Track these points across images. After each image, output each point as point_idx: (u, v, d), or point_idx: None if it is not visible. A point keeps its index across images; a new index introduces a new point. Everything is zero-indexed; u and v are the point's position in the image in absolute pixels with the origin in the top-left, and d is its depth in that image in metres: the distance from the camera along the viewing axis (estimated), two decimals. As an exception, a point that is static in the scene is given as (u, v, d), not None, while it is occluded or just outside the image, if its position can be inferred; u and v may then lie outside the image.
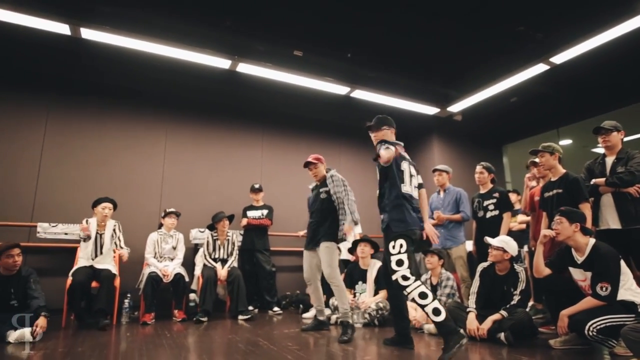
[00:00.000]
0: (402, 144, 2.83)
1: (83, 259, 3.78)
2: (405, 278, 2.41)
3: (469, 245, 4.27)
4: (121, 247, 3.97)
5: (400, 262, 2.46)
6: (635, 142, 6.08)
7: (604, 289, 2.48)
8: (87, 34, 3.99)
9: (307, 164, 3.65)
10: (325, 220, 3.44)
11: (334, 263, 3.32)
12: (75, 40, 4.12)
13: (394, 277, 2.45)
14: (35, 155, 4.56)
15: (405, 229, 2.57)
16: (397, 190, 2.65)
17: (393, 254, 2.49)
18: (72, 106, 4.85)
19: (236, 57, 4.53)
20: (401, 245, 2.50)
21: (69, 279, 3.58)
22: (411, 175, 2.77)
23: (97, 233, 3.86)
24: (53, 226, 4.35)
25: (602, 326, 2.40)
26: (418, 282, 2.41)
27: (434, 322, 2.34)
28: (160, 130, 5.30)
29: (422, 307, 2.36)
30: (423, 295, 2.37)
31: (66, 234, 4.36)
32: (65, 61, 4.73)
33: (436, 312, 2.32)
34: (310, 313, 4.22)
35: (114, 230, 3.99)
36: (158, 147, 5.25)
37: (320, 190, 3.55)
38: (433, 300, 2.35)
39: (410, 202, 2.68)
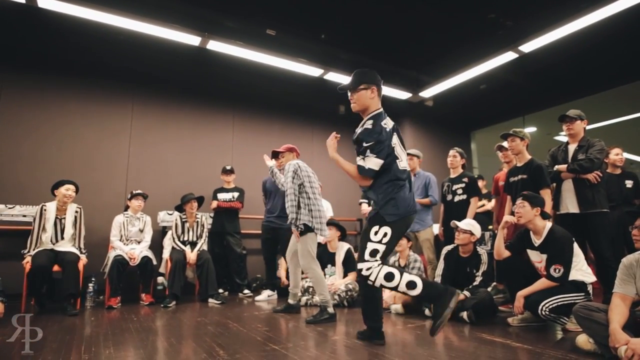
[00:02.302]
0: (382, 111, 2.38)
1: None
2: (368, 268, 2.17)
3: (436, 229, 4.40)
4: (81, 249, 3.77)
5: (374, 253, 2.18)
6: (596, 130, 6.40)
7: (557, 270, 2.63)
8: (45, 2, 3.72)
9: (276, 154, 3.61)
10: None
11: (308, 253, 3.26)
12: (31, 9, 3.83)
13: (359, 266, 2.20)
14: (-12, 133, 4.28)
15: (399, 218, 2.24)
16: (391, 173, 2.28)
17: (372, 241, 2.20)
18: (29, 81, 4.54)
19: (206, 33, 4.36)
20: (385, 234, 2.19)
21: (28, 263, 3.43)
22: (403, 148, 2.41)
23: (56, 218, 3.69)
24: (10, 208, 4.14)
25: (553, 306, 2.57)
26: (377, 264, 2.17)
27: (415, 296, 2.16)
28: (126, 107, 5.08)
29: (394, 288, 2.16)
30: (389, 277, 2.14)
31: (24, 216, 4.15)
32: (20, 33, 4.41)
33: (411, 285, 2.12)
34: (263, 296, 4.25)
35: (76, 216, 3.81)
36: (124, 126, 5.03)
37: None
38: (402, 275, 2.13)
39: (407, 181, 2.33)
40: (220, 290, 4.42)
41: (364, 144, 2.25)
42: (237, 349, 2.21)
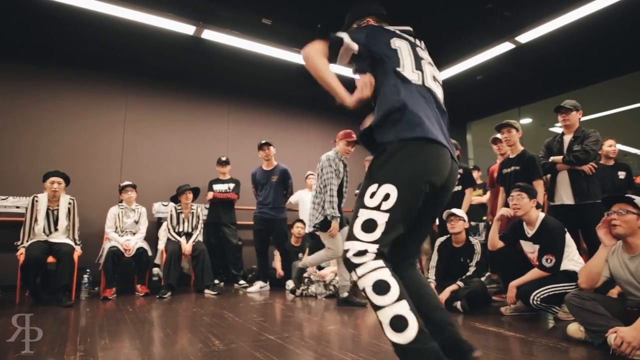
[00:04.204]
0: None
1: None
2: (360, 253, 1.30)
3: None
4: (75, 241, 3.75)
5: (370, 227, 1.31)
6: (591, 121, 6.42)
7: (549, 260, 2.66)
8: (34, -10, 3.65)
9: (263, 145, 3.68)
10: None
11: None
12: (24, 0, 3.76)
13: (346, 246, 1.33)
14: (-21, 123, 4.22)
15: (407, 144, 1.37)
16: (388, 74, 1.49)
17: (367, 207, 1.34)
18: (22, 72, 4.46)
19: (201, 22, 4.31)
20: (387, 196, 1.32)
21: (21, 255, 3.41)
22: (417, 57, 1.57)
23: (48, 209, 3.66)
24: (3, 199, 4.11)
25: (544, 295, 2.60)
26: (373, 255, 1.29)
27: (390, 341, 1.24)
28: (120, 98, 5.02)
29: (374, 307, 1.26)
30: (380, 289, 1.25)
31: (17, 207, 4.12)
32: (12, 23, 4.32)
33: (396, 324, 1.22)
34: (255, 287, 4.26)
35: (70, 207, 3.78)
36: (118, 117, 4.98)
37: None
38: (400, 297, 1.24)
39: (429, 97, 1.50)
40: (216, 281, 4.43)
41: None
42: (233, 339, 2.22)
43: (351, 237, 1.35)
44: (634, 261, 2.04)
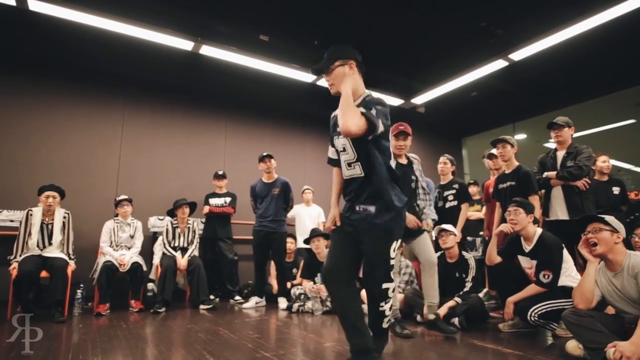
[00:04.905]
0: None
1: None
2: (392, 290, 1.97)
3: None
4: (69, 255, 3.71)
5: (393, 270, 1.96)
6: (584, 138, 6.51)
7: (546, 276, 2.66)
8: (36, 5, 3.70)
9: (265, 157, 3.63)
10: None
11: None
12: (22, 12, 3.81)
13: (385, 286, 1.93)
14: (-25, 136, 4.22)
15: (403, 224, 2.05)
16: (386, 170, 1.95)
17: (393, 258, 1.92)
18: (20, 85, 4.49)
19: (199, 38, 4.37)
20: (396, 249, 1.96)
21: (14, 270, 3.36)
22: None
23: (42, 223, 3.62)
24: (-3, 212, 4.07)
25: (542, 311, 2.59)
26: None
27: (382, 326, 2.01)
28: (118, 112, 5.04)
29: (384, 317, 2.00)
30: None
31: (11, 221, 4.09)
32: (9, 35, 4.37)
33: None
34: (251, 303, 4.19)
35: (64, 221, 3.75)
36: (115, 130, 4.99)
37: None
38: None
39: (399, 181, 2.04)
40: (212, 297, 4.37)
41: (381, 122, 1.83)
42: (228, 356, 2.19)
43: (387, 278, 1.93)
44: (618, 278, 2.08)
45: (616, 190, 4.04)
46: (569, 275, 2.72)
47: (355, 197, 1.96)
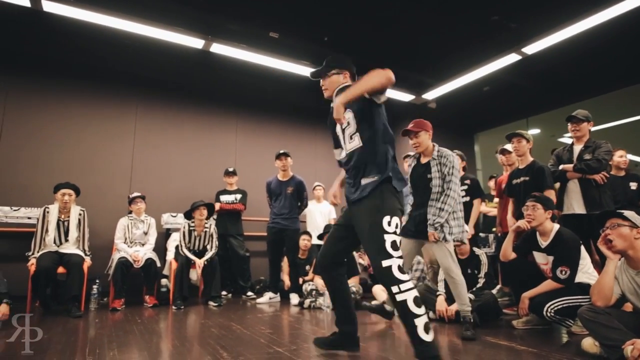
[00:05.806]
0: None
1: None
2: (401, 270, 1.77)
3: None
4: (85, 251, 3.76)
5: (395, 245, 1.80)
6: (600, 132, 6.38)
7: (563, 272, 2.62)
8: (50, 6, 3.75)
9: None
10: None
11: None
12: (36, 13, 3.87)
13: (386, 264, 1.76)
14: (-7, 136, 4.32)
15: (398, 203, 1.93)
16: (385, 143, 2.00)
17: (388, 232, 1.80)
18: (34, 85, 4.58)
19: (210, 36, 4.39)
20: (397, 225, 1.84)
21: (32, 265, 3.44)
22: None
23: (59, 220, 3.70)
24: (15, 210, 4.16)
25: (558, 307, 2.55)
26: (412, 282, 1.80)
27: (419, 340, 1.70)
28: (130, 110, 5.11)
29: (414, 317, 1.72)
30: (418, 302, 1.73)
31: (29, 218, 4.17)
32: (24, 36, 4.45)
33: (427, 328, 1.72)
34: (265, 298, 4.23)
35: (80, 218, 3.81)
36: (128, 128, 5.06)
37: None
38: (425, 311, 1.78)
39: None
40: (224, 293, 4.41)
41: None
42: (241, 351, 2.21)
43: (383, 254, 1.79)
44: None
45: (634, 185, 3.95)
46: (585, 272, 2.67)
47: (355, 169, 2.02)
